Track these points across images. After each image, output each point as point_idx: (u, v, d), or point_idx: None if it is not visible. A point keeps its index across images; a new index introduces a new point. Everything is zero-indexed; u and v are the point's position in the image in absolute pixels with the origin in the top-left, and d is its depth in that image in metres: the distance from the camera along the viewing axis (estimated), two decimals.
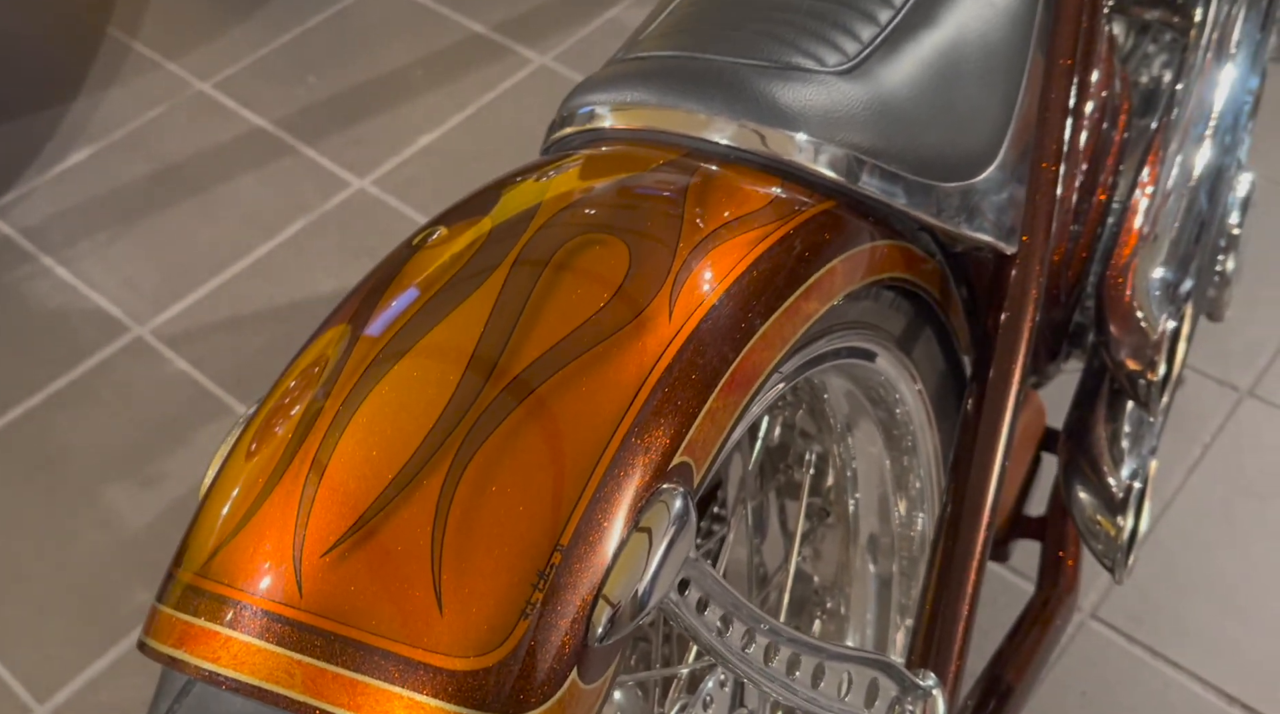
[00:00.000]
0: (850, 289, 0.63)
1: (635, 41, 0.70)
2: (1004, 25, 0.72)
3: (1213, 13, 1.00)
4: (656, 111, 0.62)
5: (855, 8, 0.68)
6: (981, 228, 0.71)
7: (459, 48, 1.85)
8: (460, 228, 0.58)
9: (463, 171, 1.67)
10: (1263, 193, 1.51)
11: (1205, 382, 1.33)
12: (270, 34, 1.89)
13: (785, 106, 0.61)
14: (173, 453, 1.37)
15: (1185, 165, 0.91)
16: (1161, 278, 0.82)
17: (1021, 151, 0.73)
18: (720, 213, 0.56)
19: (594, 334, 0.49)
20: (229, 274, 1.55)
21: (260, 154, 1.70)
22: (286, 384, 0.54)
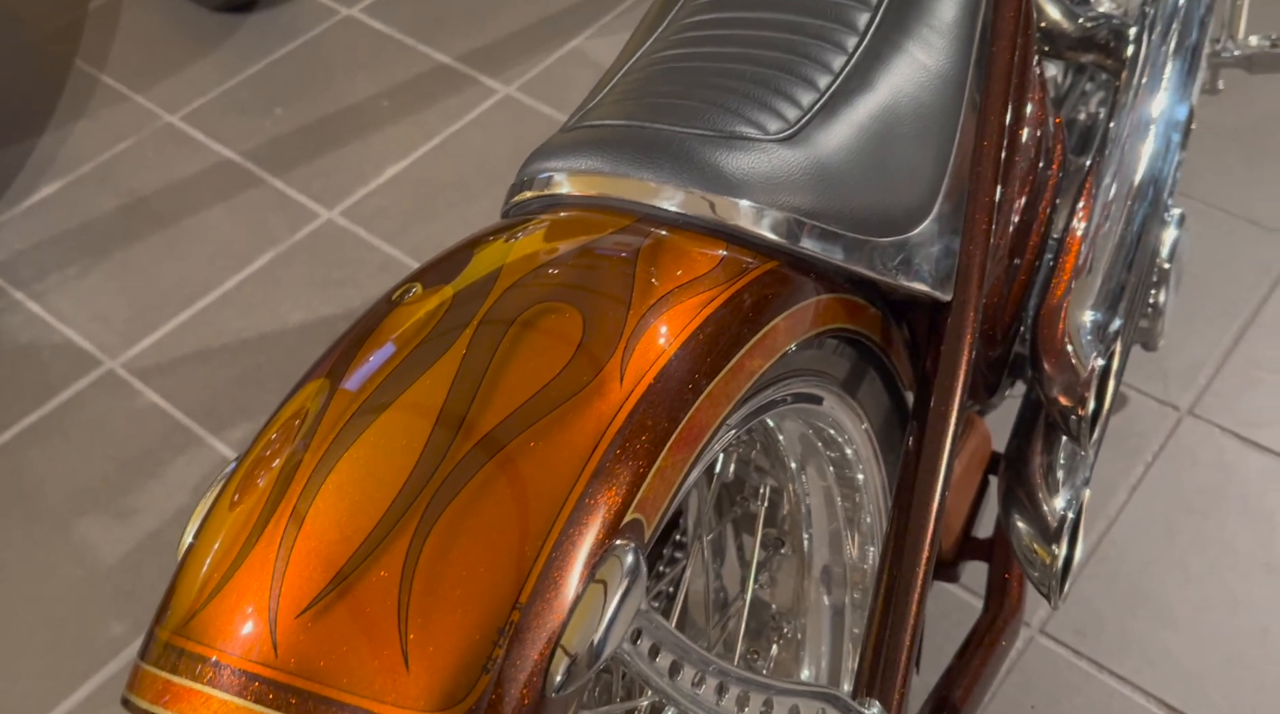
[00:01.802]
0: (794, 343, 0.67)
1: (589, 107, 0.74)
2: (937, 87, 0.77)
3: (1142, 53, 1.06)
4: (609, 179, 0.66)
5: (796, 74, 0.73)
6: (917, 278, 0.75)
7: (425, 78, 1.89)
8: (433, 287, 0.62)
9: (431, 201, 1.70)
10: (1202, 217, 1.57)
11: (1146, 401, 1.39)
12: (237, 66, 1.91)
13: (730, 174, 0.66)
14: (146, 486, 1.39)
15: (1114, 204, 0.97)
16: (1091, 317, 0.87)
17: (955, 205, 0.78)
18: (667, 279, 0.60)
19: (550, 400, 0.53)
20: (199, 306, 1.58)
21: (228, 186, 1.73)
22: (269, 435, 0.57)
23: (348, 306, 1.57)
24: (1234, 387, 1.39)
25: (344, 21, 1.99)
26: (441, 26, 1.96)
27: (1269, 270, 1.50)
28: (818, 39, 0.75)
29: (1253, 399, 1.38)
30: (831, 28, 0.76)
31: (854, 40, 0.76)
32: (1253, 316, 1.46)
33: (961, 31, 0.79)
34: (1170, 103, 1.04)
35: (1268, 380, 1.40)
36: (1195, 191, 1.60)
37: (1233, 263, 1.51)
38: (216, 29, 1.97)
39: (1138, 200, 0.98)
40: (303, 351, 1.51)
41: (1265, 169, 1.61)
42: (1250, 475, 1.32)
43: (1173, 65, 1.06)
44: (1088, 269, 0.91)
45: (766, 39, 0.76)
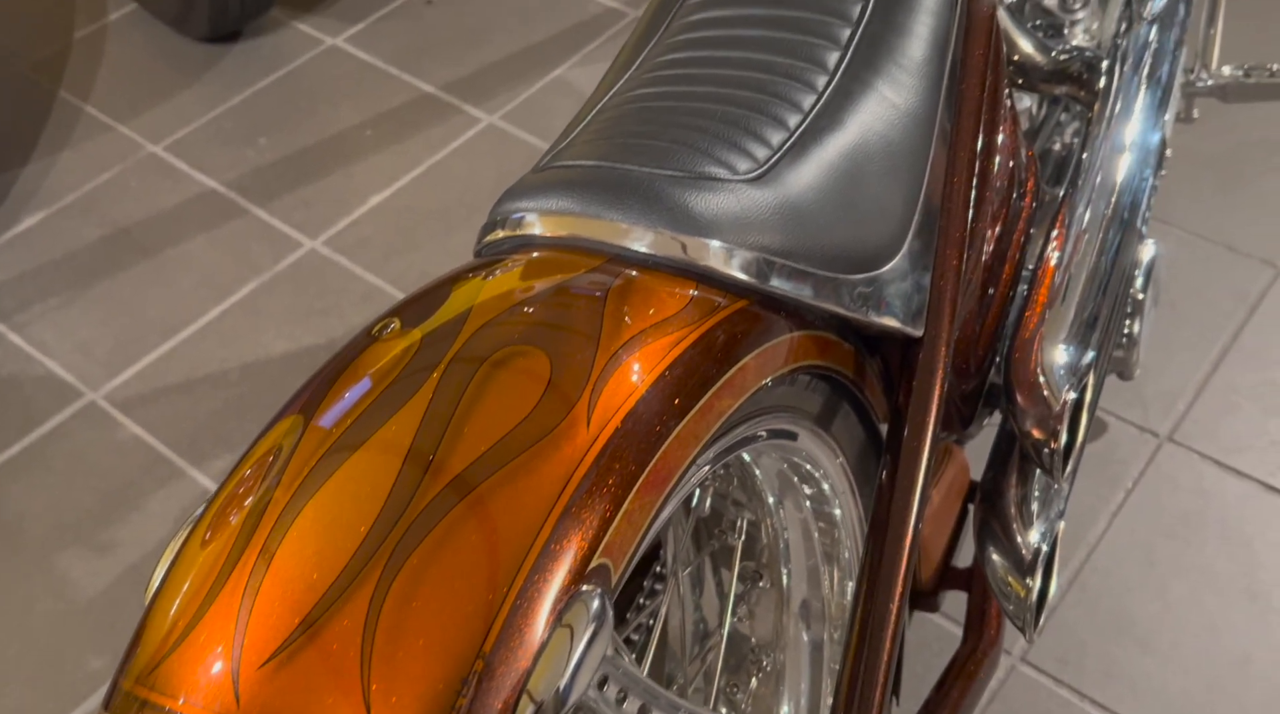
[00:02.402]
0: (765, 381, 0.67)
1: (561, 147, 0.74)
2: (906, 125, 0.78)
3: (1114, 85, 1.07)
4: (580, 220, 0.66)
5: (767, 113, 0.73)
6: (888, 314, 0.76)
7: (408, 107, 1.90)
8: (409, 324, 0.62)
9: (414, 230, 1.71)
10: (1180, 243, 1.58)
11: (1126, 428, 1.40)
12: (221, 95, 1.92)
13: (699, 214, 0.66)
14: (126, 519, 1.38)
15: (1087, 236, 0.97)
16: (1064, 351, 0.87)
17: (926, 241, 0.79)
18: (637, 320, 0.61)
19: (516, 445, 0.53)
20: (181, 337, 1.58)
21: (212, 216, 1.73)
22: (242, 472, 0.58)
23: (330, 336, 1.57)
24: (1213, 413, 1.40)
25: (328, 51, 2.00)
26: (425, 56, 1.98)
27: (1245, 296, 1.51)
28: (788, 78, 0.76)
29: (1231, 425, 1.39)
30: (802, 67, 0.77)
31: (824, 79, 0.76)
32: (1231, 342, 1.47)
33: (931, 70, 0.80)
34: (1142, 134, 1.05)
35: (1245, 406, 1.41)
36: (1172, 218, 1.61)
37: (1210, 289, 1.52)
38: (201, 59, 1.98)
39: (1110, 231, 0.99)
40: (284, 382, 1.51)
41: (1241, 195, 1.63)
42: (1229, 501, 1.32)
43: (1144, 97, 1.07)
44: (1060, 302, 0.91)
45: (738, 78, 0.76)
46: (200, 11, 1.89)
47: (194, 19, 1.92)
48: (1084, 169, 1.03)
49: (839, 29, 0.79)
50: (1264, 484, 1.33)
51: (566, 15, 2.04)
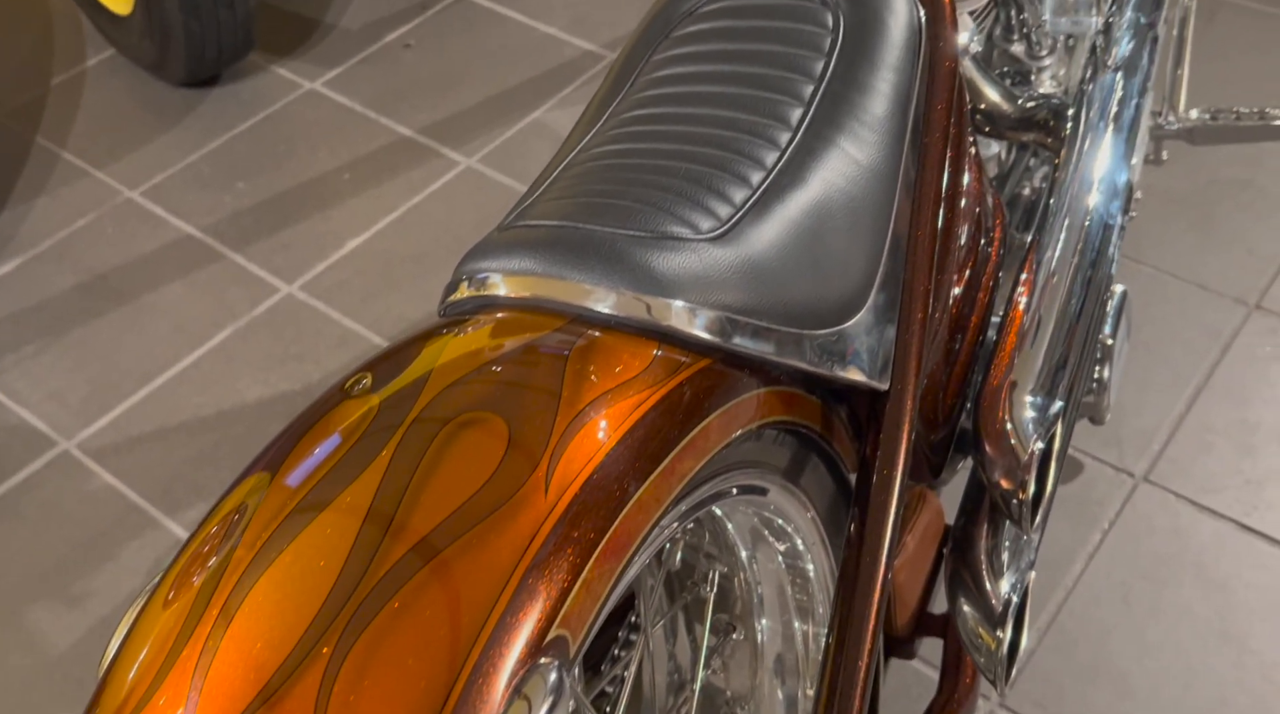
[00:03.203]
0: (729, 440, 0.67)
1: (526, 205, 0.75)
2: (869, 180, 0.78)
3: (1080, 131, 1.08)
4: (543, 281, 0.66)
5: (730, 170, 0.74)
6: (854, 369, 0.76)
7: (386, 151, 1.90)
8: (377, 383, 0.62)
9: (391, 274, 1.71)
10: (1152, 282, 1.60)
11: (1102, 468, 1.40)
12: (199, 140, 1.92)
13: (661, 274, 0.66)
14: (99, 570, 1.37)
15: (1054, 283, 0.98)
16: (1032, 400, 0.88)
17: (891, 295, 0.79)
18: (598, 382, 0.60)
19: (472, 515, 0.53)
20: (156, 384, 1.57)
21: (188, 261, 1.73)
22: (208, 529, 0.58)
23: (306, 382, 1.57)
24: (1188, 452, 1.41)
25: (306, 95, 2.00)
26: (403, 100, 1.98)
27: (1218, 335, 1.52)
28: (752, 134, 0.77)
29: (1206, 464, 1.39)
30: (766, 123, 0.78)
31: (787, 135, 0.77)
32: (1205, 381, 1.48)
33: (893, 125, 0.80)
34: (1108, 179, 1.06)
35: (1220, 445, 1.41)
36: (1145, 257, 1.63)
37: (1183, 328, 1.53)
38: (179, 104, 1.98)
39: (1078, 277, 0.99)
40: (260, 428, 1.50)
41: (1212, 234, 1.65)
42: (1205, 542, 1.32)
43: (1110, 142, 1.08)
44: (1028, 349, 0.92)
45: (702, 135, 0.77)
46: (177, 57, 1.89)
47: (171, 64, 1.92)
48: (1051, 215, 1.04)
49: (802, 85, 0.80)
50: (1239, 524, 1.34)
51: (544, 59, 2.05)
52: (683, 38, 0.86)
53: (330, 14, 2.16)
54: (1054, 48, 1.21)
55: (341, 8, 2.18)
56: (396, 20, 2.14)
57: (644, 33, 0.89)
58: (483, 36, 2.10)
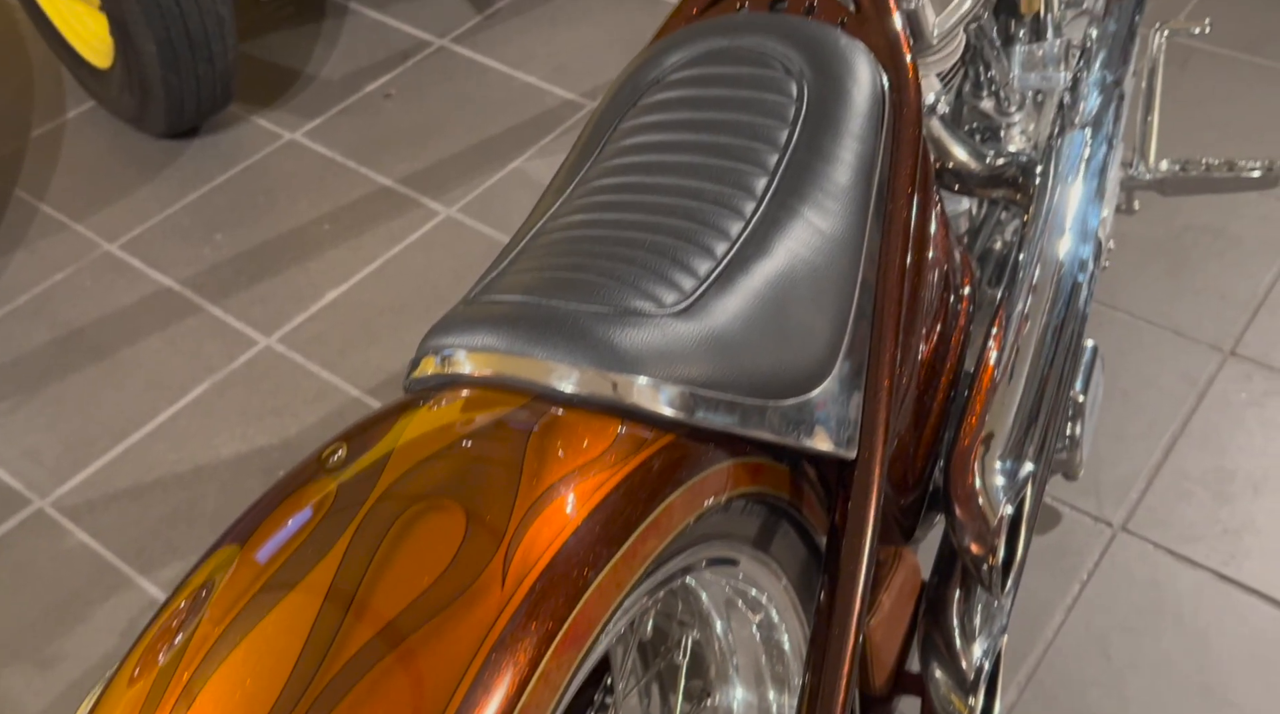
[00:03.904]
0: (693, 517, 0.67)
1: (491, 277, 0.75)
2: (833, 249, 0.79)
3: (1049, 187, 1.09)
4: (505, 358, 0.66)
5: (694, 242, 0.74)
6: (820, 439, 0.76)
7: (366, 201, 1.91)
8: (350, 456, 0.62)
9: (370, 326, 1.71)
10: (1128, 329, 1.60)
11: (1081, 518, 1.40)
12: (178, 192, 1.92)
13: (624, 350, 0.66)
14: (72, 631, 1.35)
15: (1023, 343, 0.98)
16: (1001, 464, 0.88)
17: (857, 363, 0.79)
18: (559, 464, 0.60)
19: (427, 608, 0.52)
20: (133, 440, 1.56)
21: (166, 315, 1.73)
22: (176, 605, 0.58)
23: (283, 436, 1.56)
24: (1166, 501, 1.41)
25: (286, 145, 2.01)
26: (384, 149, 1.99)
27: (1194, 382, 1.53)
28: (716, 205, 0.77)
29: (1184, 513, 1.39)
30: (730, 193, 0.78)
31: (751, 205, 0.77)
32: (1181, 428, 1.48)
33: (857, 194, 0.81)
34: (1076, 235, 1.07)
35: (1198, 493, 1.41)
36: (1120, 303, 1.63)
37: (1159, 376, 1.54)
38: (159, 155, 1.99)
39: (1047, 336, 1.00)
40: (235, 486, 1.49)
41: (1187, 280, 1.66)
42: (1184, 592, 1.32)
43: (1078, 199, 1.09)
44: (997, 413, 0.92)
45: (668, 205, 0.77)
46: (157, 110, 1.90)
47: (151, 117, 1.93)
48: (1020, 272, 1.04)
49: (767, 155, 0.80)
50: (1217, 574, 1.33)
51: (524, 108, 2.06)
52: (650, 105, 0.87)
53: (311, 64, 2.18)
54: (1023, 103, 1.23)
55: (322, 58, 2.19)
56: (377, 70, 2.16)
57: (612, 100, 0.90)
58: (463, 85, 2.11)
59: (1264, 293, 1.63)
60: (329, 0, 2.32)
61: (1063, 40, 1.26)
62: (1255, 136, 1.86)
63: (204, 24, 1.77)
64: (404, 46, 2.20)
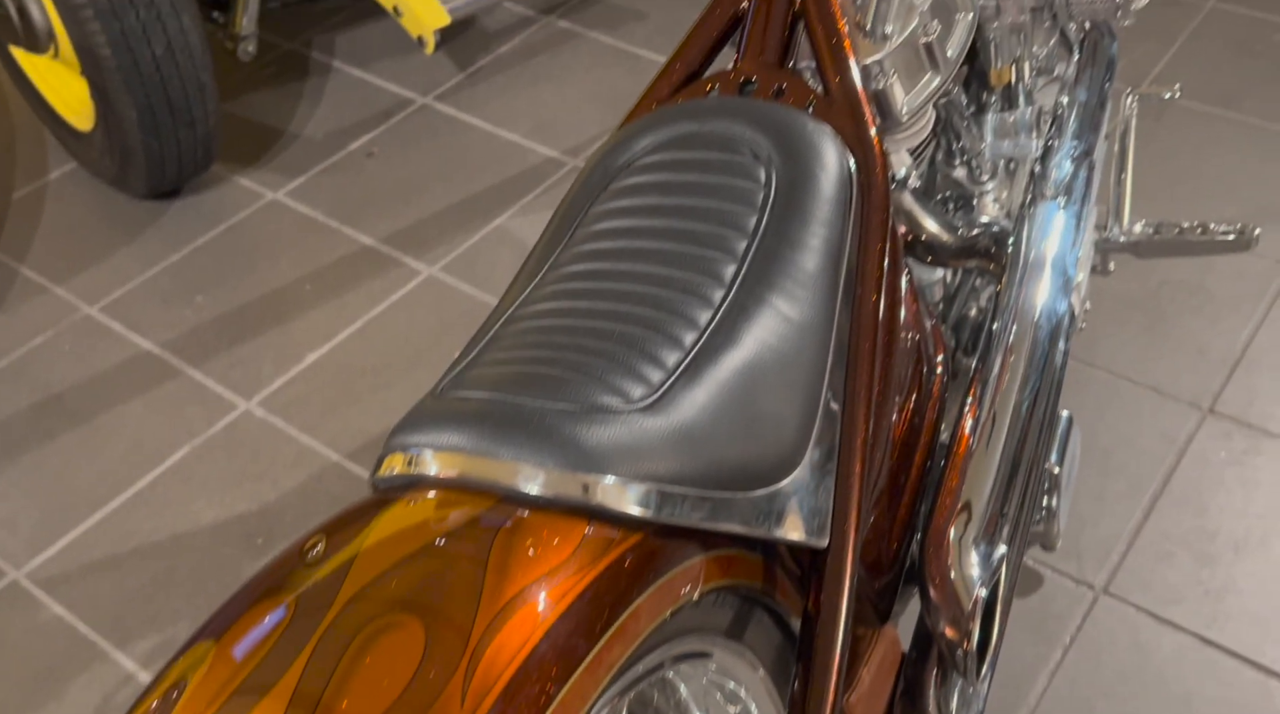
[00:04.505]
0: (660, 619, 0.67)
1: (460, 371, 0.75)
2: (801, 337, 0.79)
3: (1020, 257, 1.09)
4: (471, 459, 0.66)
5: (663, 332, 0.74)
6: (791, 528, 0.76)
7: (348, 261, 1.91)
8: (330, 551, 0.62)
9: (350, 387, 1.70)
10: (1108, 387, 1.61)
11: (1062, 581, 1.39)
12: (160, 253, 1.92)
13: (590, 449, 0.66)
14: (44, 708, 1.34)
15: (997, 417, 0.98)
16: (976, 545, 0.87)
17: (828, 450, 0.79)
18: (522, 573, 0.60)
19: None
20: (110, 508, 1.55)
21: (146, 379, 1.72)
22: (148, 704, 0.57)
23: (262, 502, 1.55)
24: (1147, 563, 1.40)
25: (269, 205, 2.02)
26: (366, 208, 2.00)
27: (1174, 441, 1.53)
28: (685, 293, 0.77)
29: (1165, 574, 1.39)
30: (699, 281, 0.78)
31: (720, 293, 0.78)
32: (1161, 488, 1.48)
33: (825, 279, 0.81)
34: (1049, 307, 1.07)
35: (1179, 554, 1.41)
36: (1099, 360, 1.64)
37: (1139, 436, 1.54)
38: (141, 216, 1.99)
39: (1020, 410, 1.00)
40: (213, 554, 1.48)
41: (1165, 337, 1.66)
42: (1166, 656, 1.32)
43: (1050, 269, 1.09)
44: (970, 493, 0.92)
45: (637, 294, 0.77)
46: (138, 173, 1.90)
47: (132, 179, 1.94)
48: (993, 343, 1.05)
49: (736, 241, 0.81)
50: (1200, 637, 1.33)
51: (507, 165, 2.08)
52: (620, 190, 0.87)
53: (294, 123, 2.19)
54: (995, 172, 1.24)
55: (305, 116, 2.20)
56: (360, 128, 2.17)
57: (584, 184, 0.90)
58: (446, 143, 2.13)
59: (1241, 349, 1.64)
60: (312, 59, 2.34)
61: (1035, 108, 1.27)
62: (1231, 191, 1.88)
63: (185, 90, 1.78)
64: (387, 105, 2.21)
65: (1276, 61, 2.12)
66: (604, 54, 2.30)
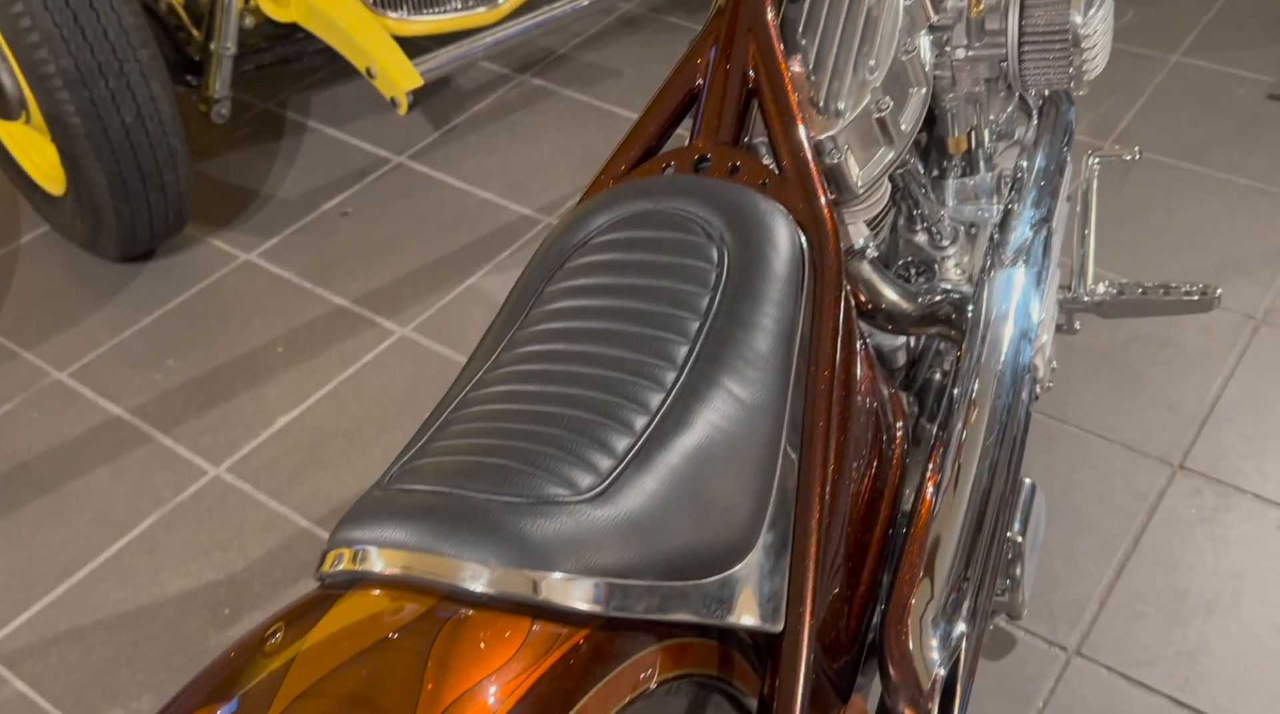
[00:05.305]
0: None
1: (407, 460, 0.74)
2: (754, 419, 0.79)
3: (980, 322, 1.10)
4: (414, 555, 0.66)
5: (613, 417, 0.74)
6: (745, 614, 0.75)
7: (320, 322, 1.91)
8: (285, 643, 0.61)
9: (321, 451, 1.69)
10: (1078, 443, 1.61)
11: (1035, 642, 1.39)
12: (132, 316, 1.92)
13: (536, 544, 0.66)
14: None
15: (958, 489, 0.98)
16: (934, 626, 0.87)
17: (781, 533, 0.79)
18: (462, 677, 0.59)
19: None
20: (75, 579, 1.53)
21: (115, 445, 1.71)
22: None
23: (229, 571, 1.53)
24: (1119, 623, 1.40)
25: (242, 267, 2.02)
26: (339, 268, 2.00)
27: (1144, 498, 1.53)
28: (636, 376, 0.77)
29: (1138, 634, 1.39)
30: (651, 363, 0.78)
31: (672, 375, 0.77)
32: (1133, 546, 1.48)
33: (777, 360, 0.81)
34: (1009, 373, 1.08)
35: (1151, 614, 1.41)
36: (1070, 417, 1.64)
37: (1110, 493, 1.54)
38: (113, 279, 1.99)
39: (980, 481, 1.00)
40: (179, 626, 1.46)
41: (1135, 392, 1.67)
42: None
43: (1010, 336, 1.10)
44: (931, 565, 0.91)
45: (589, 377, 0.77)
46: (109, 237, 1.90)
47: (104, 243, 1.94)
48: (954, 410, 1.05)
49: (688, 322, 0.81)
50: (1172, 698, 1.32)
51: (481, 224, 2.08)
52: (575, 269, 0.88)
53: (268, 183, 2.19)
54: (956, 237, 1.24)
55: (280, 176, 2.21)
56: (334, 188, 2.18)
57: (539, 262, 0.91)
58: (420, 202, 2.14)
59: (1210, 404, 1.64)
60: (287, 119, 2.35)
61: (995, 172, 1.28)
62: (1198, 244, 1.89)
63: (155, 156, 1.78)
64: (362, 164, 2.22)
65: (1241, 115, 2.15)
66: (578, 111, 2.32)
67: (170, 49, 2.00)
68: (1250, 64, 2.26)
